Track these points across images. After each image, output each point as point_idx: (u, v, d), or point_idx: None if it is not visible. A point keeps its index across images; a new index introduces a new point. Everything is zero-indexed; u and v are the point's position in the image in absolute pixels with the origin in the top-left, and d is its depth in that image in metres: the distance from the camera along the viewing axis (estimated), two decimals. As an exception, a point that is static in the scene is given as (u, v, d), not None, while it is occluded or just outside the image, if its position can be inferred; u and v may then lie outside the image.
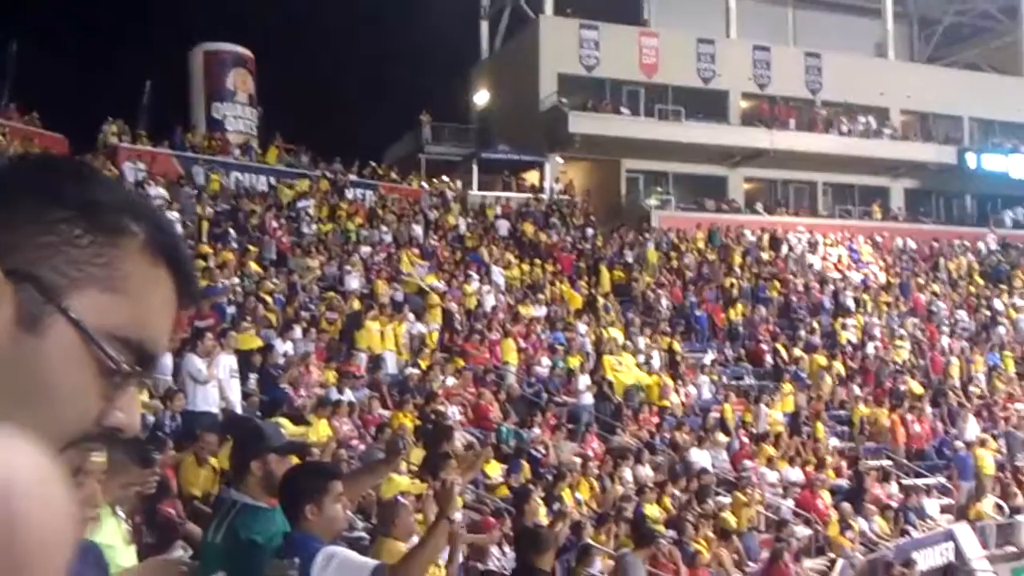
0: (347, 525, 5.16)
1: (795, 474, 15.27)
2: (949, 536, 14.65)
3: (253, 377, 12.67)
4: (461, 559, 9.63)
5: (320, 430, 11.15)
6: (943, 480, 17.14)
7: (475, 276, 20.53)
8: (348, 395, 12.79)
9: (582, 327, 19.22)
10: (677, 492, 13.06)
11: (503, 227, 25.41)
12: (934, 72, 37.15)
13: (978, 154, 34.88)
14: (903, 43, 38.37)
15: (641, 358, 18.53)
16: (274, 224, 20.56)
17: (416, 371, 14.99)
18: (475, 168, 31.97)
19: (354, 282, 18.24)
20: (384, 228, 22.33)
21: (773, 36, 35.14)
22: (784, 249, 28.47)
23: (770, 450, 15.70)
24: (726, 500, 13.61)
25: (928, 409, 19.04)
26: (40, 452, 0.68)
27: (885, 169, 34.98)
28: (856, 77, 34.49)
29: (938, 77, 36.66)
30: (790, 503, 14.38)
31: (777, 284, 24.82)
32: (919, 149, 34.84)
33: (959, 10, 39.58)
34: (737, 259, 26.40)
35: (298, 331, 14.78)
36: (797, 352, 20.92)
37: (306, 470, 4.03)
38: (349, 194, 24.91)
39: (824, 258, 28.72)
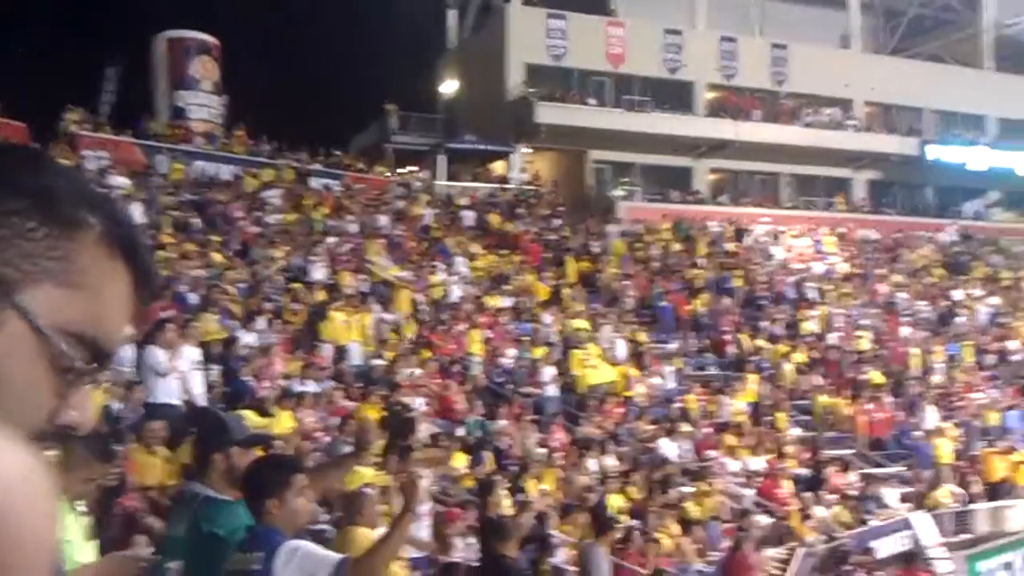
0: (312, 519, 5.16)
1: (757, 463, 15.43)
2: (907, 524, 14.88)
3: (216, 368, 12.59)
4: (428, 552, 9.67)
5: (284, 422, 11.10)
6: (902, 469, 17.40)
7: (441, 266, 20.51)
8: (312, 387, 12.75)
9: (548, 318, 19.26)
10: (641, 482, 13.16)
11: (469, 217, 25.38)
12: (897, 64, 37.47)
13: (940, 146, 35.30)
14: (868, 34, 38.71)
15: (606, 349, 18.61)
16: (238, 214, 20.39)
17: (381, 362, 14.97)
18: (442, 158, 31.89)
19: (319, 273, 18.13)
20: (350, 218, 22.21)
21: (739, 27, 35.30)
22: (748, 240, 28.71)
23: (733, 440, 15.87)
24: (689, 490, 13.73)
25: (888, 399, 19.31)
26: (24, 448, 0.68)
27: (848, 160, 35.32)
28: (821, 68, 34.79)
29: (901, 69, 36.97)
30: (752, 492, 14.54)
31: (741, 275, 25.01)
32: (882, 141, 35.21)
33: (923, 2, 39.92)
34: (702, 250, 26.57)
35: (262, 322, 14.70)
36: (760, 342, 21.12)
37: (269, 463, 4.02)
38: (314, 184, 24.74)
39: (788, 249, 28.98)
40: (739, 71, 34.34)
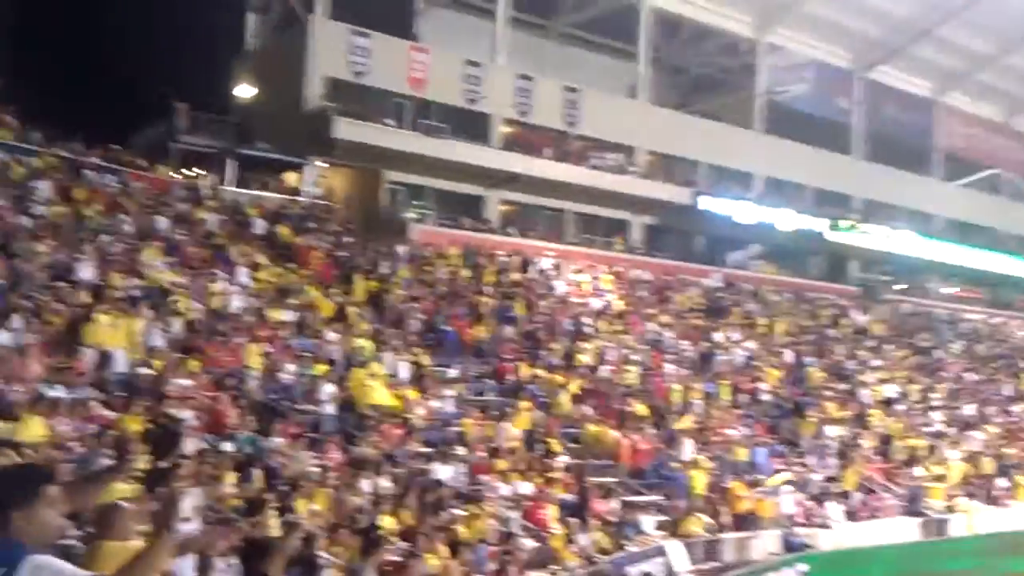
0: (62, 533, 4.88)
1: (526, 488, 15.86)
2: (661, 551, 15.73)
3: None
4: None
5: (35, 429, 10.39)
6: (660, 498, 18.39)
7: (222, 275, 19.84)
8: (69, 392, 12.00)
9: (331, 335, 19.05)
10: (413, 504, 13.22)
11: (257, 227, 24.67)
12: (678, 118, 39.86)
13: (710, 197, 37.74)
14: (654, 88, 40.91)
15: (389, 370, 18.61)
16: (1, 203, 18.92)
17: (148, 371, 14.28)
18: (232, 163, 30.92)
19: (86, 272, 17.09)
20: (125, 217, 21.07)
21: (537, 67, 36.43)
22: (532, 272, 29.57)
23: (505, 464, 16.24)
24: (460, 512, 13.91)
25: (650, 430, 20.39)
26: None
27: (628, 204, 37.07)
28: (609, 115, 36.46)
29: (681, 122, 39.39)
30: (519, 516, 14.91)
31: (523, 305, 25.73)
32: (659, 188, 37.17)
33: (705, 62, 42.73)
34: (488, 278, 27.11)
35: (18, 321, 13.71)
36: (537, 371, 21.77)
37: (17, 472, 3.83)
38: (89, 178, 23.30)
39: (568, 283, 30.07)
40: (533, 109, 35.39)
